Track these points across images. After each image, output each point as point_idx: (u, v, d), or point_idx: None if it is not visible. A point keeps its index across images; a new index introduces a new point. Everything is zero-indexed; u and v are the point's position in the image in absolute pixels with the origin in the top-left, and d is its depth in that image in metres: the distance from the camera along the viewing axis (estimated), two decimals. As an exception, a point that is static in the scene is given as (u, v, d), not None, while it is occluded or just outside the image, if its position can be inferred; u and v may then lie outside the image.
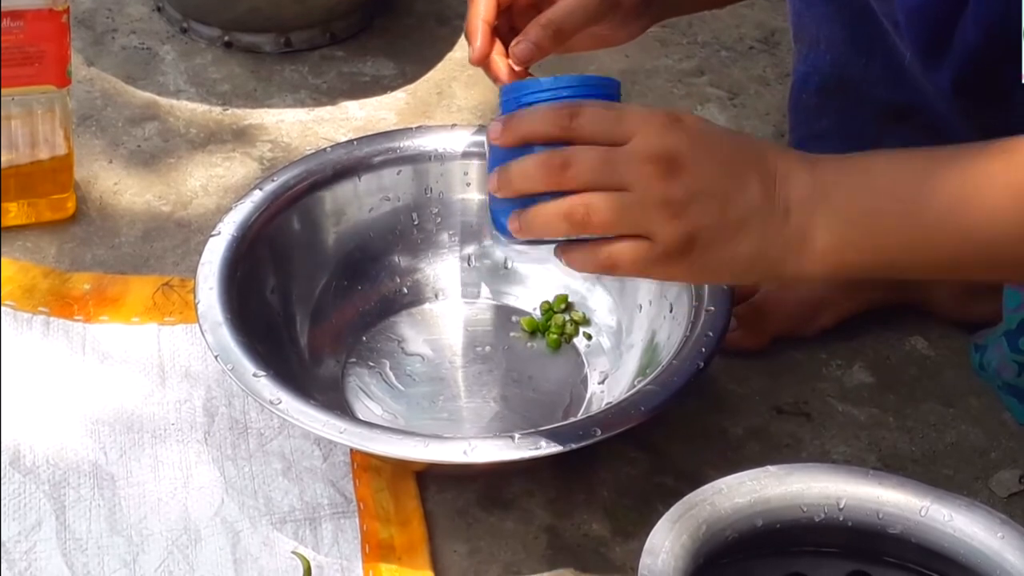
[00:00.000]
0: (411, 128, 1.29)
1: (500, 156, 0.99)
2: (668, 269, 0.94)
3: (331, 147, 1.27)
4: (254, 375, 1.07)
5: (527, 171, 0.96)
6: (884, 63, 1.18)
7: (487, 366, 1.22)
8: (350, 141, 1.28)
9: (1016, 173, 0.89)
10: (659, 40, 1.61)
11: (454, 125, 1.29)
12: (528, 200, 0.97)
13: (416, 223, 1.27)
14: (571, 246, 0.97)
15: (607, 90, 1.01)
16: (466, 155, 1.26)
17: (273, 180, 1.23)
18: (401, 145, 1.27)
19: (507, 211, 0.98)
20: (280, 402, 1.06)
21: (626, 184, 0.93)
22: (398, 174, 1.26)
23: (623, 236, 0.94)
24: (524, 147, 0.97)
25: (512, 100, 1.00)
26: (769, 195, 0.93)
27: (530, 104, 0.99)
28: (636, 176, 0.93)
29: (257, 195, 1.21)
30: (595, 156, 0.94)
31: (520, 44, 1.07)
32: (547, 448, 1.03)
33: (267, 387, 1.07)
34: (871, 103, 1.23)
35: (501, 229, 1.00)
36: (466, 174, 1.26)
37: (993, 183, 0.90)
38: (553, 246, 0.99)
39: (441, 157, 1.26)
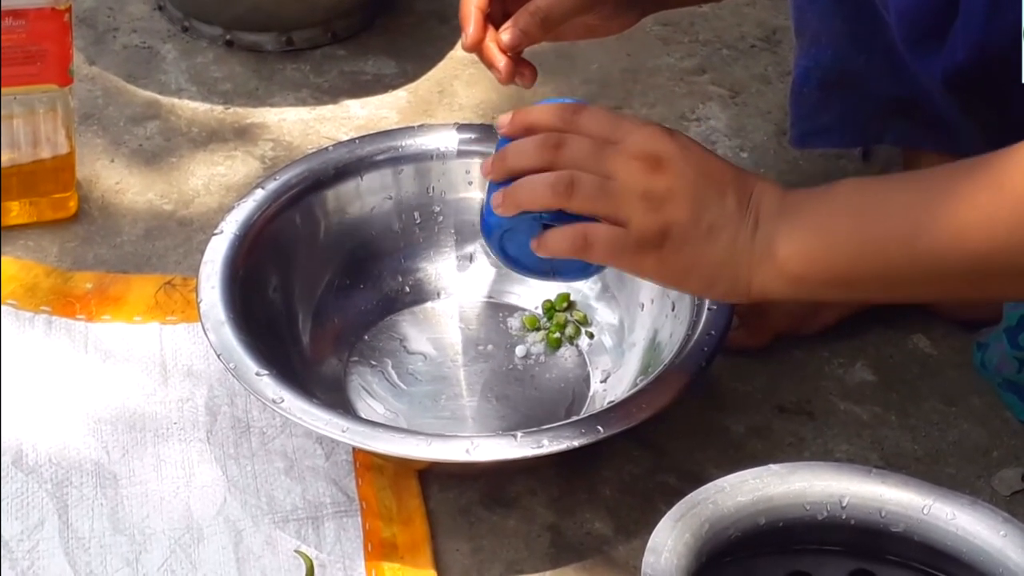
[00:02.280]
0: (413, 127, 1.29)
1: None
2: (639, 259, 0.98)
3: (333, 146, 1.27)
4: (256, 374, 1.07)
5: (523, 149, 1.00)
6: (886, 57, 1.18)
7: (489, 364, 1.22)
8: (352, 140, 1.28)
9: (970, 191, 0.90)
10: (661, 39, 1.61)
11: (456, 124, 1.29)
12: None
13: (418, 222, 1.27)
14: (547, 230, 1.00)
15: None
16: (468, 154, 1.26)
17: (275, 179, 1.23)
18: (403, 144, 1.27)
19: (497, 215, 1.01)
20: (282, 401, 1.06)
21: (612, 173, 0.97)
22: (400, 173, 1.26)
23: (600, 223, 0.98)
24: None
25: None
26: (742, 209, 0.97)
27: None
28: (623, 168, 0.97)
29: (259, 194, 1.21)
30: (589, 143, 0.99)
31: (508, 31, 1.10)
32: (549, 446, 1.03)
33: (270, 386, 1.07)
34: (873, 98, 1.23)
35: (488, 230, 1.03)
36: (468, 172, 1.26)
37: (949, 202, 0.90)
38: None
39: (443, 156, 1.26)
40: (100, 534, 1.08)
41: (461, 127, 1.28)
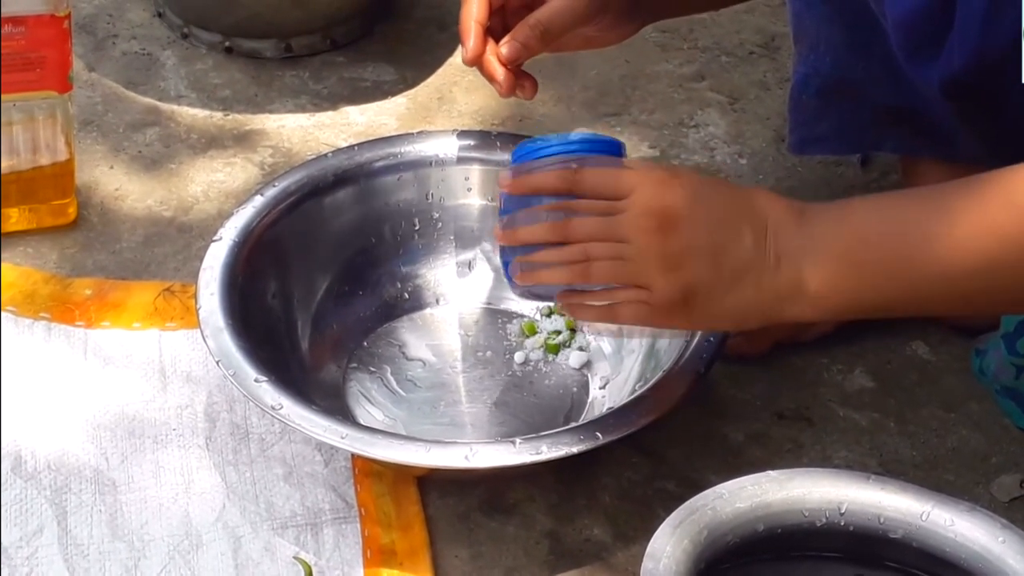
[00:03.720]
0: (412, 133, 1.30)
1: (510, 205, 1.06)
2: (668, 320, 1.00)
3: (332, 152, 1.27)
4: (255, 380, 1.08)
5: (532, 227, 1.02)
6: (883, 65, 1.18)
7: (488, 371, 1.22)
8: (351, 147, 1.28)
9: (982, 210, 0.91)
10: (660, 45, 1.61)
11: (455, 130, 1.30)
12: (532, 248, 1.03)
13: (417, 228, 1.27)
14: (572, 295, 1.02)
15: (611, 149, 1.06)
16: (467, 160, 1.26)
17: (274, 185, 1.23)
18: (402, 151, 1.27)
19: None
20: (281, 407, 1.06)
21: (626, 237, 0.98)
22: (399, 180, 1.26)
23: (624, 289, 0.99)
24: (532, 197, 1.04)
25: (521, 155, 1.06)
26: (761, 247, 0.97)
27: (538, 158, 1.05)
28: (634, 230, 0.97)
29: (258, 200, 1.21)
30: (596, 213, 0.99)
31: (508, 44, 1.11)
32: (548, 453, 1.03)
33: (268, 392, 1.07)
34: (871, 105, 1.23)
35: (508, 277, 1.06)
36: (467, 179, 1.26)
37: (963, 220, 0.92)
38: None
39: (442, 162, 1.27)
40: (99, 540, 1.08)
41: (460, 134, 1.28)
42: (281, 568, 1.07)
